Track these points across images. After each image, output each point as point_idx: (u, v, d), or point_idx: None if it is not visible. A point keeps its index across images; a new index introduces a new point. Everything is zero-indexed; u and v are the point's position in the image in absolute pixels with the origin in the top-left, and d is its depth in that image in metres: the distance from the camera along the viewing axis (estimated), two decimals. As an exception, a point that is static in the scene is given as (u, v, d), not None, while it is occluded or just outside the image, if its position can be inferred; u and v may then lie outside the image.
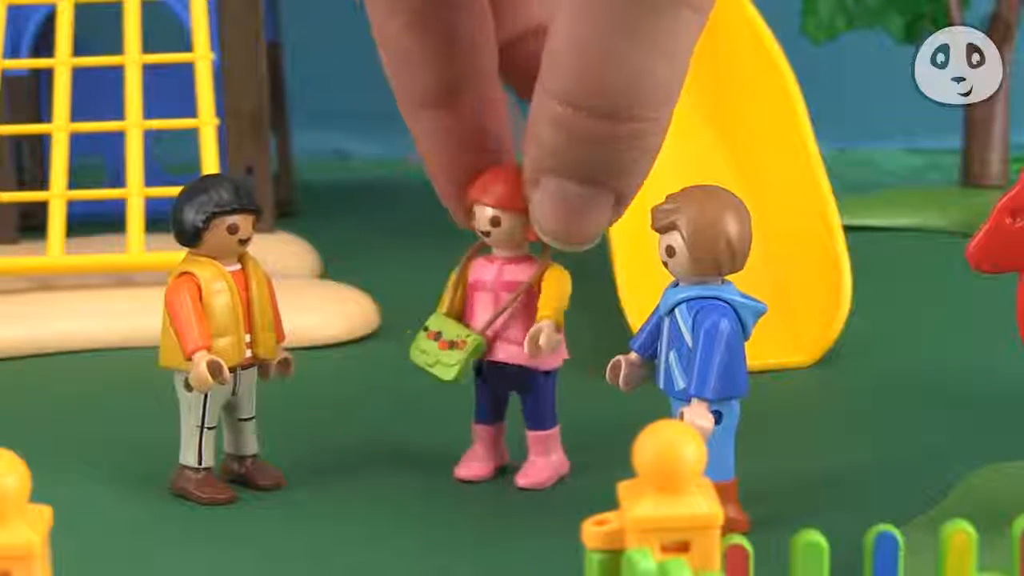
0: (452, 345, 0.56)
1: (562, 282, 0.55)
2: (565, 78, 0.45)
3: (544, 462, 0.57)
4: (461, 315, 0.57)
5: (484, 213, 0.54)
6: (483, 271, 0.56)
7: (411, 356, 0.57)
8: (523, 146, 0.48)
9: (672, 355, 0.52)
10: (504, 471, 0.58)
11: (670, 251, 0.51)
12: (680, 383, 0.51)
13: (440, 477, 0.58)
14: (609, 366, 0.54)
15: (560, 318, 0.55)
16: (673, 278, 0.52)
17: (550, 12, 0.53)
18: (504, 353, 0.56)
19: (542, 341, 0.54)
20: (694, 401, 0.50)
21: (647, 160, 0.47)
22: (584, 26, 0.44)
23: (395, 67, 0.51)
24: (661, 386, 0.52)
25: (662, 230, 0.51)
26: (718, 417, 0.51)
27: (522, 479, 0.57)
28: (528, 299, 0.56)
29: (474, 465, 0.58)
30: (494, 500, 0.56)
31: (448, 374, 0.55)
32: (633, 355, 0.53)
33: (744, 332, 0.51)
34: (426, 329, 0.57)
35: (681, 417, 0.50)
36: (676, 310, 0.51)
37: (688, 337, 0.51)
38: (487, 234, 0.55)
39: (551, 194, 0.48)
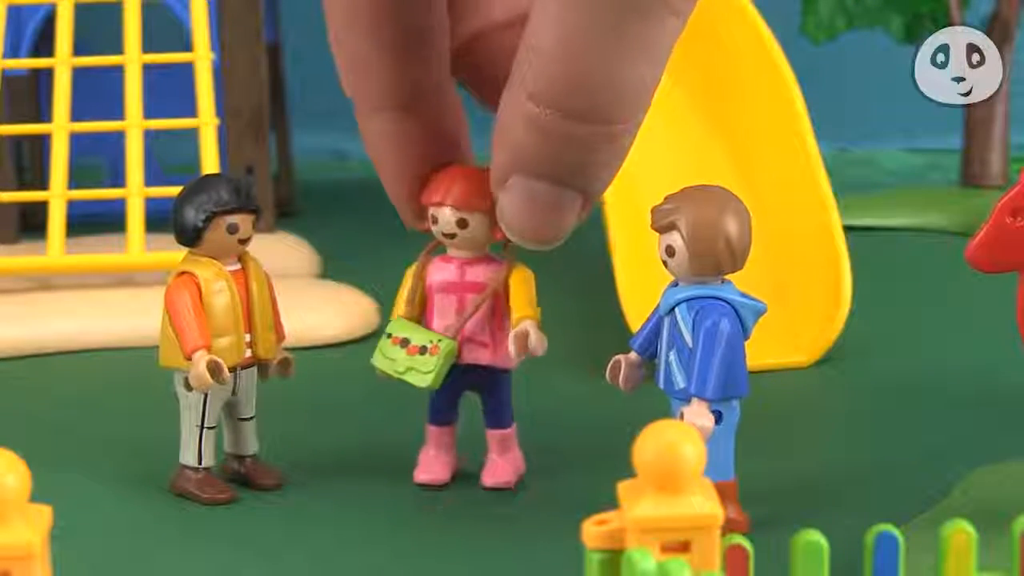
0: (423, 350, 0.55)
1: (530, 282, 0.55)
2: (546, 79, 0.45)
3: (506, 460, 0.57)
4: (420, 318, 0.56)
5: (448, 216, 0.54)
6: (443, 273, 0.55)
7: (375, 364, 0.56)
8: (492, 145, 0.48)
9: (672, 355, 0.52)
10: (461, 472, 0.58)
11: (670, 251, 0.51)
12: (680, 383, 0.51)
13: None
14: (609, 366, 0.54)
15: (538, 316, 0.55)
16: (673, 278, 0.52)
17: (510, 12, 0.53)
18: (473, 355, 0.55)
19: (532, 341, 0.54)
20: (694, 401, 0.50)
21: (618, 162, 0.47)
22: (570, 28, 0.44)
23: (353, 71, 0.51)
24: (661, 386, 0.52)
25: (662, 230, 0.51)
26: (718, 417, 0.51)
27: (489, 479, 0.57)
28: (493, 299, 0.55)
29: (435, 468, 0.57)
30: (493, 500, 0.56)
31: (424, 381, 0.55)
32: (633, 355, 0.53)
33: (744, 332, 0.51)
34: (389, 335, 0.56)
35: (681, 417, 0.50)
36: (676, 310, 0.51)
37: (688, 337, 0.51)
38: (451, 236, 0.54)
39: (520, 194, 0.47)
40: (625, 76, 0.44)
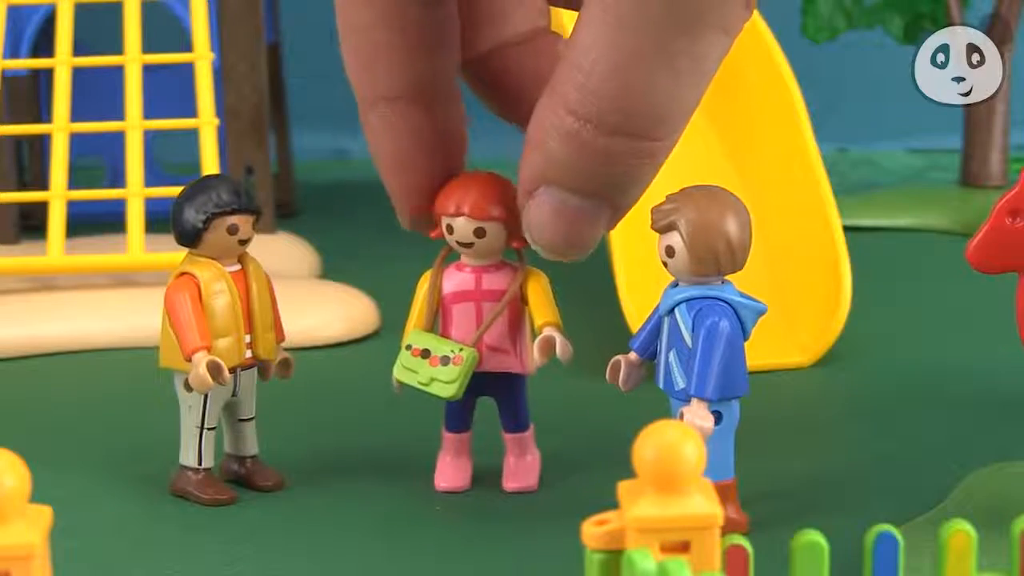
0: (446, 361, 0.55)
1: (547, 286, 0.55)
2: (589, 94, 0.44)
3: (525, 463, 0.57)
4: (434, 328, 0.56)
5: (464, 226, 0.53)
6: (458, 281, 0.55)
7: (396, 375, 0.56)
8: (522, 155, 0.48)
9: (672, 355, 0.52)
10: (479, 476, 0.58)
11: (670, 251, 0.51)
12: (680, 383, 0.51)
13: (440, 477, 0.58)
14: (609, 366, 0.54)
15: (560, 321, 0.55)
16: (673, 278, 0.52)
17: (529, 28, 0.52)
18: (494, 362, 0.55)
19: (558, 348, 0.54)
20: (694, 401, 0.50)
21: (651, 178, 0.47)
22: (617, 46, 0.43)
23: (364, 61, 0.51)
24: (661, 386, 0.52)
25: (662, 230, 0.51)
26: (718, 417, 0.51)
27: (510, 483, 0.57)
28: (511, 305, 0.55)
29: (453, 476, 0.57)
30: (493, 501, 0.56)
31: (448, 391, 0.55)
32: (633, 355, 0.53)
33: (744, 332, 0.51)
34: (409, 347, 0.56)
35: (681, 417, 0.50)
36: (676, 310, 0.51)
37: (688, 337, 0.51)
38: (468, 245, 0.54)
39: (549, 204, 0.47)
40: (670, 94, 0.44)
